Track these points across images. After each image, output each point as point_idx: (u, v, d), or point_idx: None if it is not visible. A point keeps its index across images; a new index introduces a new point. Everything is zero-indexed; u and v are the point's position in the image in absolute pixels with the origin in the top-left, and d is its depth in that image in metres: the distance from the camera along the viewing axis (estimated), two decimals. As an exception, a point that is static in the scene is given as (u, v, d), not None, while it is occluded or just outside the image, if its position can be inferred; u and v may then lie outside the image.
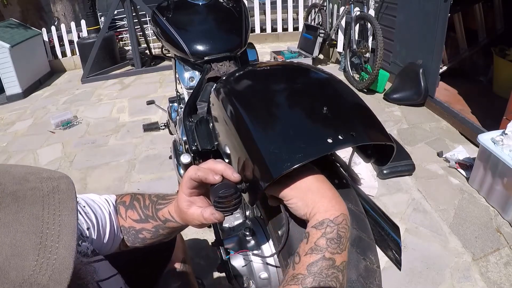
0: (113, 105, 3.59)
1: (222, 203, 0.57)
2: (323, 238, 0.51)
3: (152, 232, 0.73)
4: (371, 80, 3.11)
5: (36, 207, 0.39)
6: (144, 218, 0.73)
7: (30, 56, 4.32)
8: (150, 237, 0.74)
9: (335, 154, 0.76)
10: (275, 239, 0.67)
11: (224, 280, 1.53)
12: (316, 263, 0.50)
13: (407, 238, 1.67)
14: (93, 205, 0.73)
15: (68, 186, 0.43)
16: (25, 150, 2.86)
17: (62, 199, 0.41)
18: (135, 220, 0.74)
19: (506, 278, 1.45)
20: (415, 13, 2.94)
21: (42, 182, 0.42)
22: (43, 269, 0.35)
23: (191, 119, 0.93)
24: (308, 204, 0.54)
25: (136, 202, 0.76)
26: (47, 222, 0.38)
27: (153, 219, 0.71)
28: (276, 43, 5.32)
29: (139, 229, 0.74)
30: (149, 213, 0.72)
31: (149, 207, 0.72)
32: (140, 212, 0.74)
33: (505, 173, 1.70)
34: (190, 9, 1.40)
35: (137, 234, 0.75)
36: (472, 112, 2.60)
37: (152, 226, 0.72)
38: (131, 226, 0.75)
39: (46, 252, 0.36)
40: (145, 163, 2.48)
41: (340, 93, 0.69)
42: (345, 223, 0.53)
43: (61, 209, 0.40)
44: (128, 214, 0.75)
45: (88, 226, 0.68)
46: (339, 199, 0.55)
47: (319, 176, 0.57)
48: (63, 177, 0.44)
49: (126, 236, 0.77)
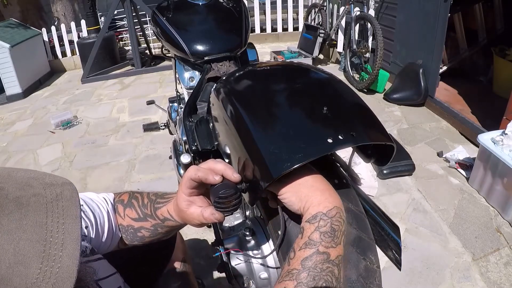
0: (113, 105, 3.59)
1: (222, 203, 0.57)
2: (317, 232, 0.51)
3: (150, 230, 0.73)
4: (371, 80, 3.11)
5: (40, 215, 0.39)
6: (142, 216, 0.73)
7: (30, 56, 4.32)
8: (149, 235, 0.74)
9: (335, 154, 0.76)
10: (275, 239, 0.67)
11: (224, 280, 1.53)
12: (311, 258, 0.49)
13: (407, 238, 1.67)
14: (91, 204, 0.73)
15: (72, 194, 0.43)
16: (25, 150, 2.86)
17: (66, 206, 0.41)
18: (133, 219, 0.74)
19: (506, 278, 1.45)
20: (415, 13, 2.94)
21: (45, 188, 0.42)
22: (47, 277, 0.35)
23: (191, 119, 0.93)
24: (302, 199, 0.54)
25: (135, 200, 0.76)
26: (50, 230, 0.38)
27: (151, 218, 0.71)
28: (276, 43, 5.32)
29: (137, 227, 0.74)
30: (147, 212, 0.72)
31: (147, 206, 0.72)
32: (138, 211, 0.74)
33: (505, 173, 1.70)
34: (190, 9, 1.41)
35: (136, 232, 0.75)
36: (472, 112, 2.60)
37: (151, 225, 0.72)
38: (129, 224, 0.75)
39: (49, 260, 0.36)
40: (145, 163, 2.48)
41: (340, 93, 0.69)
42: (339, 216, 0.52)
43: (65, 217, 0.40)
44: (127, 212, 0.75)
45: (86, 225, 0.68)
46: (332, 191, 0.55)
47: (314, 172, 0.57)
48: (67, 183, 0.44)
49: (125, 235, 0.76)
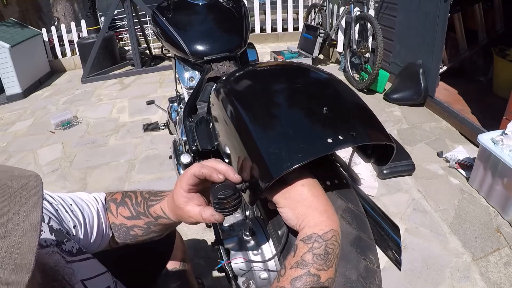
0: (113, 105, 3.59)
1: (221, 204, 0.57)
2: (310, 253, 0.50)
3: (143, 229, 0.73)
4: (371, 80, 3.12)
5: (3, 203, 0.40)
6: (135, 215, 0.73)
7: (30, 56, 4.32)
8: (142, 233, 0.74)
9: (335, 154, 0.76)
10: (275, 239, 0.67)
11: (224, 280, 1.53)
12: (301, 278, 0.49)
13: (407, 238, 1.67)
14: (81, 203, 0.73)
15: (36, 184, 0.44)
16: (25, 150, 2.86)
17: (28, 195, 0.42)
18: (126, 217, 0.74)
19: (506, 278, 1.45)
20: (415, 13, 2.94)
21: (12, 179, 0.43)
22: (5, 263, 0.35)
23: (191, 119, 0.93)
24: (298, 216, 0.53)
25: (128, 199, 0.76)
26: (12, 217, 0.39)
27: (144, 216, 0.71)
28: (276, 43, 5.32)
29: (130, 225, 0.74)
30: (140, 210, 0.72)
31: (141, 204, 0.73)
32: (131, 209, 0.74)
33: (505, 173, 1.70)
34: (190, 9, 1.40)
35: (129, 231, 0.75)
36: (472, 112, 2.60)
37: (144, 223, 0.72)
38: (122, 223, 0.75)
39: (9, 246, 0.37)
40: (145, 163, 2.48)
41: (340, 93, 0.69)
42: (334, 240, 0.51)
43: (27, 205, 0.41)
44: (119, 211, 0.75)
45: (74, 224, 0.68)
46: (331, 212, 0.54)
47: (314, 185, 0.56)
48: (33, 175, 0.45)
49: (117, 233, 0.76)
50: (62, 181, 2.37)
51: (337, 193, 0.65)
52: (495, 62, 2.89)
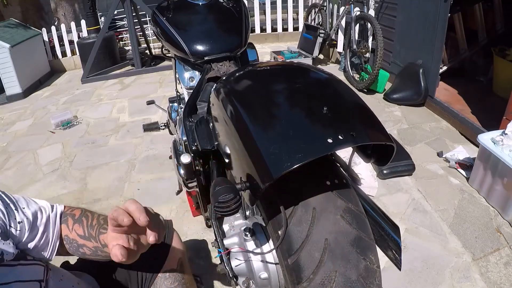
0: (113, 105, 3.59)
1: (222, 208, 0.58)
2: None
3: (92, 250, 0.75)
4: (371, 80, 3.12)
5: None
6: (87, 236, 0.75)
7: (30, 56, 4.32)
8: (90, 254, 0.76)
9: (335, 154, 0.76)
10: (275, 239, 0.67)
11: (224, 280, 1.53)
12: None
13: (407, 238, 1.67)
14: (33, 206, 0.75)
15: None
16: (25, 150, 2.86)
17: None
18: (79, 235, 0.76)
19: (506, 278, 1.45)
20: (415, 13, 2.94)
21: None
22: None
23: (191, 119, 0.93)
24: None
25: (85, 218, 0.78)
26: None
27: (94, 240, 0.73)
28: (276, 43, 5.32)
29: (81, 244, 0.76)
30: (92, 233, 0.74)
31: (94, 228, 0.74)
32: (85, 229, 0.76)
33: (505, 173, 1.70)
34: (190, 9, 1.41)
35: (79, 248, 0.77)
36: (472, 112, 2.60)
37: (93, 246, 0.74)
38: (74, 239, 0.77)
39: None
40: (145, 163, 2.48)
41: (340, 93, 0.69)
42: None
43: None
44: (75, 227, 0.77)
45: (20, 220, 0.70)
46: None
47: None
48: None
49: (68, 245, 0.78)
50: (62, 181, 2.37)
51: (337, 193, 0.65)
52: (495, 62, 2.89)
